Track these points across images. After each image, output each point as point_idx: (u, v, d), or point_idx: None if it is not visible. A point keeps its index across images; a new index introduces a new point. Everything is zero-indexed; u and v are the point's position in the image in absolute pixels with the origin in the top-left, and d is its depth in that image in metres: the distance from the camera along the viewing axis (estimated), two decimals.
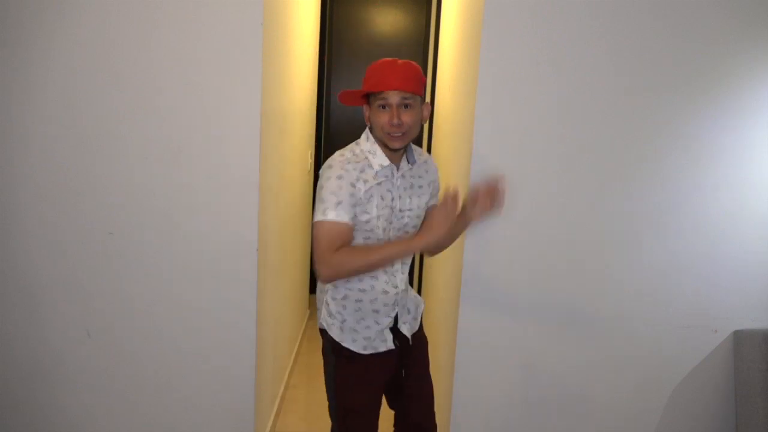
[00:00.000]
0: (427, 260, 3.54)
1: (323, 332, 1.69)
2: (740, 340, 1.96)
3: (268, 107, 1.98)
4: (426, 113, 1.60)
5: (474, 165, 1.89)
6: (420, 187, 1.65)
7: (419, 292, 4.13)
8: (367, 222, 1.54)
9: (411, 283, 4.26)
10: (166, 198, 1.91)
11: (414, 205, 1.63)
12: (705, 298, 1.96)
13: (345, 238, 1.49)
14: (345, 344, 1.65)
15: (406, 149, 1.60)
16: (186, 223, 1.92)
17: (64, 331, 1.98)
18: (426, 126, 4.05)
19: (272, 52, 2.02)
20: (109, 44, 1.82)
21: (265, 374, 2.24)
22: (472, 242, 1.93)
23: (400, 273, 1.67)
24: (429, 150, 4.00)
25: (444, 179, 2.19)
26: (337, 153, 1.59)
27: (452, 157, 2.42)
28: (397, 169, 1.60)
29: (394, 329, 1.69)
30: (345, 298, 1.63)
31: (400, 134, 1.51)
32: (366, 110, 1.59)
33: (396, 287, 1.64)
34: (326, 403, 1.78)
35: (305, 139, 3.22)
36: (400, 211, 1.61)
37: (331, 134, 4.09)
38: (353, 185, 1.50)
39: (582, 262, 1.95)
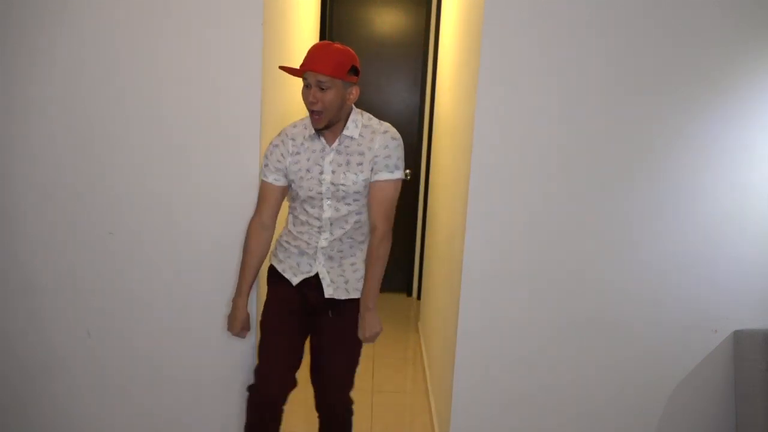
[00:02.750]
0: (427, 260, 3.54)
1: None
2: (740, 340, 1.96)
3: (268, 107, 1.98)
4: (354, 94, 1.72)
5: (474, 165, 1.89)
6: (359, 164, 1.73)
7: (419, 292, 4.13)
8: (293, 187, 1.77)
9: (411, 283, 4.26)
10: (167, 198, 1.91)
11: (349, 181, 1.72)
12: (705, 298, 1.96)
13: (267, 195, 1.81)
14: (273, 262, 1.89)
15: (342, 128, 1.74)
16: (186, 222, 1.92)
17: (64, 331, 1.98)
18: (426, 126, 4.06)
19: (272, 52, 2.02)
20: (109, 44, 1.83)
21: None
22: (472, 242, 1.93)
23: (327, 234, 1.77)
24: (429, 149, 4.00)
25: (444, 179, 2.19)
26: (298, 120, 1.81)
27: (452, 156, 2.42)
28: (330, 144, 1.74)
29: (315, 284, 1.81)
30: (282, 236, 1.88)
31: (316, 112, 1.66)
32: None
33: (316, 244, 1.78)
34: None
35: None
36: (333, 184, 1.73)
37: None
38: (282, 155, 1.77)
39: (582, 262, 1.95)
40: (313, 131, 1.73)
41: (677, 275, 1.95)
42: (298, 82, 2.90)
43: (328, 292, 1.81)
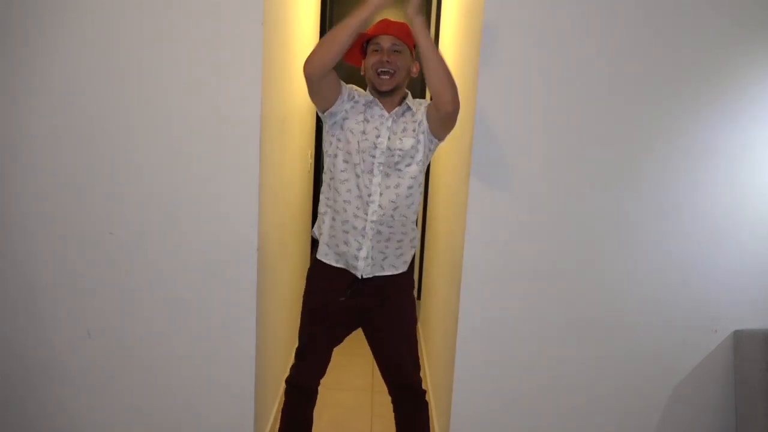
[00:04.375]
0: (427, 260, 3.54)
1: (314, 241, 1.95)
2: (740, 340, 1.96)
3: (268, 107, 1.98)
4: (415, 69, 1.82)
5: (474, 165, 1.89)
6: (413, 130, 1.80)
7: (419, 292, 4.13)
8: (347, 142, 1.77)
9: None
10: (167, 198, 1.91)
11: (406, 145, 1.78)
12: (705, 298, 1.96)
13: (331, 75, 1.74)
14: (319, 256, 1.90)
15: (402, 100, 1.82)
16: (186, 223, 1.92)
17: (64, 331, 1.98)
18: None
19: (272, 52, 2.02)
20: (109, 44, 1.82)
21: (265, 374, 2.23)
22: (472, 242, 1.93)
23: (376, 205, 1.78)
24: None
25: (444, 179, 2.19)
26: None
27: (452, 156, 2.42)
28: (388, 112, 1.80)
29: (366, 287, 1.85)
30: (324, 213, 1.87)
31: (388, 74, 1.75)
32: (362, 63, 1.83)
33: (366, 216, 1.79)
34: (326, 402, 1.83)
35: (305, 139, 3.22)
36: (389, 149, 1.77)
37: None
38: (350, 94, 1.82)
39: (582, 262, 1.95)
40: (370, 97, 1.80)
41: (677, 275, 1.95)
42: (297, 83, 2.89)
43: (361, 267, 1.83)
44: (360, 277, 1.84)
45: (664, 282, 1.95)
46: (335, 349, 1.97)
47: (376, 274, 1.86)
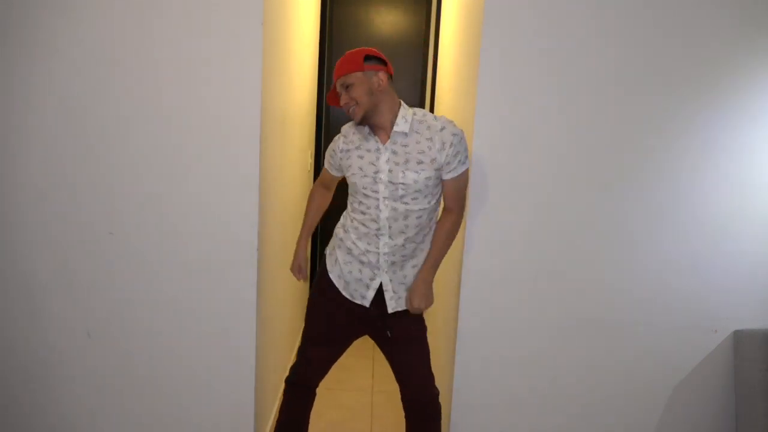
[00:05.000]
0: None
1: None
2: (740, 340, 1.96)
3: (268, 107, 1.98)
4: (376, 80, 1.73)
5: (474, 165, 1.89)
6: (419, 162, 1.72)
7: None
8: (351, 186, 1.83)
9: None
10: (166, 198, 1.91)
11: (409, 179, 1.72)
12: (705, 298, 1.96)
13: (327, 178, 2.00)
14: (331, 275, 1.88)
15: (391, 126, 1.74)
16: (186, 223, 1.92)
17: (64, 331, 1.98)
18: None
19: (272, 52, 2.02)
20: (109, 44, 1.82)
21: (265, 374, 2.24)
22: (472, 243, 1.93)
23: (386, 238, 1.77)
24: None
25: None
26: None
27: None
28: (383, 144, 1.75)
29: (380, 299, 1.82)
30: (340, 245, 1.86)
31: (350, 109, 1.74)
32: None
33: (377, 250, 1.78)
34: (326, 403, 1.81)
35: (305, 139, 3.22)
36: (391, 183, 1.73)
37: (331, 134, 4.09)
38: (334, 151, 1.87)
39: (582, 262, 1.95)
40: (367, 131, 1.78)
41: (677, 275, 1.95)
42: (297, 83, 2.89)
43: (391, 306, 1.81)
44: (370, 306, 1.83)
45: (664, 282, 1.95)
46: None
47: (404, 307, 1.82)
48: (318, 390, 1.96)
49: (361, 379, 3.00)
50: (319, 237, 3.90)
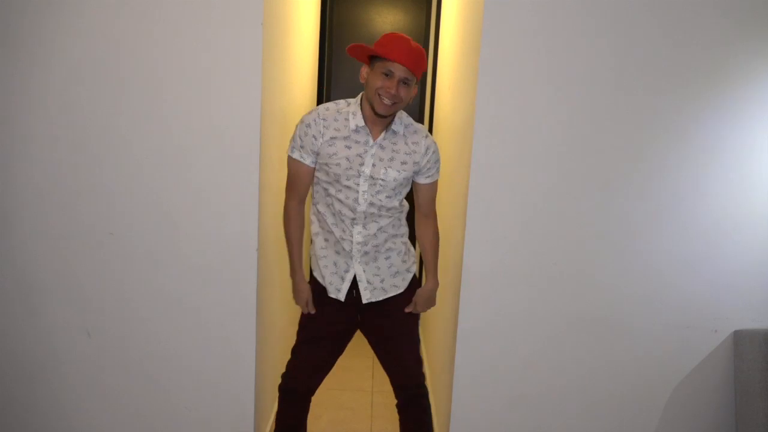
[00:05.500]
0: None
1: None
2: (740, 340, 1.96)
3: (268, 107, 1.98)
4: (413, 95, 1.76)
5: (474, 165, 1.89)
6: (403, 163, 1.79)
7: None
8: (327, 173, 1.77)
9: None
10: (167, 198, 1.91)
11: (389, 177, 1.76)
12: (705, 298, 1.96)
13: (302, 176, 1.83)
14: (314, 273, 1.91)
15: (390, 123, 1.77)
16: (186, 223, 1.92)
17: (64, 331, 1.98)
18: (426, 125, 4.05)
19: (272, 52, 2.02)
20: (109, 44, 1.82)
21: (265, 374, 2.24)
22: (472, 243, 1.93)
23: (360, 227, 1.80)
24: None
25: (444, 178, 2.19)
26: (329, 103, 1.82)
27: (452, 156, 2.41)
28: (374, 138, 1.76)
29: (355, 292, 1.86)
30: (317, 234, 1.88)
31: (390, 103, 1.69)
32: (364, 69, 1.77)
33: (351, 239, 1.80)
34: (326, 403, 1.82)
35: None
36: (372, 177, 1.75)
37: None
38: (314, 137, 1.76)
39: (582, 261, 1.95)
40: (361, 123, 1.74)
41: (677, 275, 1.95)
42: (297, 82, 2.88)
43: (366, 296, 1.86)
44: (352, 300, 1.87)
45: (664, 282, 1.95)
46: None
47: (379, 299, 1.88)
48: (318, 390, 1.96)
49: (361, 379, 3.00)
50: None
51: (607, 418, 2.04)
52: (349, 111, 1.78)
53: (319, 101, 3.86)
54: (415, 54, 1.68)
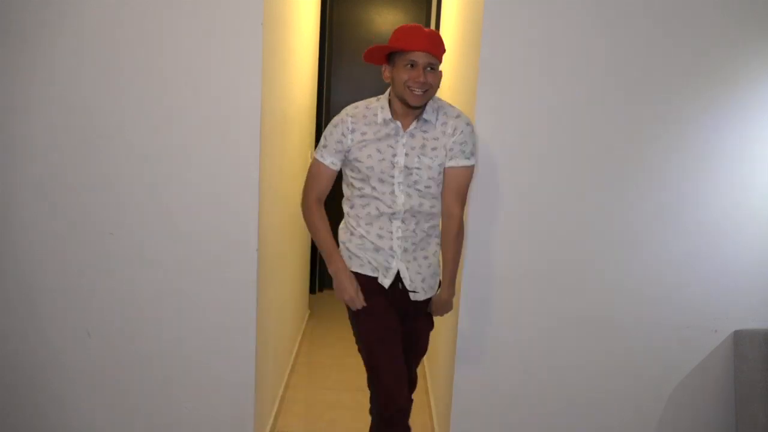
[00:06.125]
0: None
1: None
2: (740, 340, 1.96)
3: (268, 107, 1.98)
4: (440, 78, 1.71)
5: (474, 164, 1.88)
6: (434, 149, 1.72)
7: None
8: (359, 170, 1.73)
9: None
10: (167, 198, 1.91)
11: (423, 165, 1.71)
12: (705, 298, 1.96)
13: (322, 177, 1.78)
14: (353, 269, 1.79)
15: (421, 112, 1.72)
16: (186, 223, 1.92)
17: (64, 331, 1.98)
18: None
19: (272, 52, 2.02)
20: (110, 44, 1.83)
21: (265, 374, 2.24)
22: (472, 242, 1.93)
23: (399, 222, 1.74)
24: None
25: None
26: (360, 102, 1.79)
27: None
28: (404, 129, 1.72)
29: (399, 286, 1.79)
30: (351, 234, 1.80)
31: (421, 92, 1.66)
32: (386, 69, 1.73)
33: (390, 234, 1.75)
34: (326, 403, 1.78)
35: (305, 139, 3.22)
36: (407, 168, 1.71)
37: None
38: (343, 134, 1.73)
39: (582, 262, 1.95)
40: (388, 116, 1.71)
41: (677, 275, 1.95)
42: (297, 82, 2.89)
43: (414, 296, 1.79)
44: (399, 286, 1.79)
45: (664, 282, 1.95)
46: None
47: (421, 298, 1.81)
48: (318, 390, 1.92)
49: (362, 380, 3.00)
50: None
51: (607, 418, 2.04)
52: (378, 105, 1.75)
53: (319, 101, 3.87)
54: (432, 37, 1.66)
